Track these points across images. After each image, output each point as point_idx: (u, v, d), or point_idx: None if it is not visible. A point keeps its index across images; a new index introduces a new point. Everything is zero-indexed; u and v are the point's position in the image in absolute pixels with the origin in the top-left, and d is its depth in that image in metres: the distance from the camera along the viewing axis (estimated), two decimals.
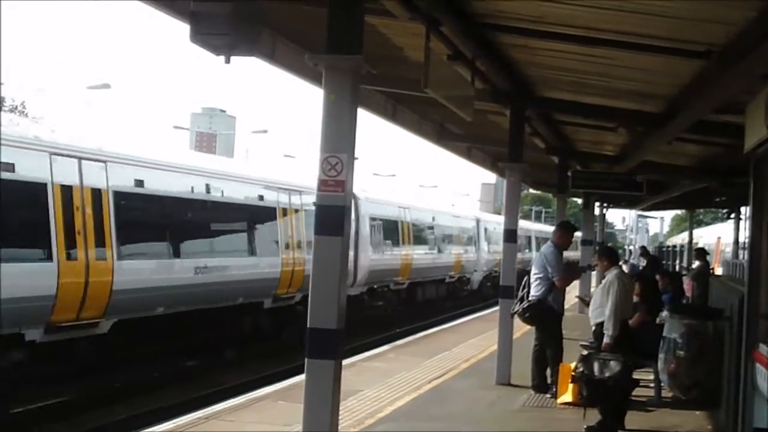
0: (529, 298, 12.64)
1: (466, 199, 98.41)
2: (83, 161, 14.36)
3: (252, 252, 19.91)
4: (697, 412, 11.71)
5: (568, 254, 15.53)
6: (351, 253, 23.30)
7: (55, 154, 13.77)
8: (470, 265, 39.69)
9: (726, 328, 10.55)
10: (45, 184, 13.49)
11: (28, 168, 13.28)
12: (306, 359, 7.20)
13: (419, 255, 31.91)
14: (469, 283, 40.01)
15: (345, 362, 8.79)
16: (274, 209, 21.13)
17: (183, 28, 8.16)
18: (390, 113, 15.29)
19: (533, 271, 12.77)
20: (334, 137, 7.20)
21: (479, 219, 43.53)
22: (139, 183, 16.00)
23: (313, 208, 21.79)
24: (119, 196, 15.26)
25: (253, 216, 20.41)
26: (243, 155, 48.08)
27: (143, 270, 15.83)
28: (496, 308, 15.20)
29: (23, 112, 58.69)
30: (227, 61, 8.48)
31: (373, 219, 27.07)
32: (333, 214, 7.18)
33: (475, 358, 16.38)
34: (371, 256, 26.41)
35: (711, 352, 11.20)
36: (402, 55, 11.50)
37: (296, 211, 22.00)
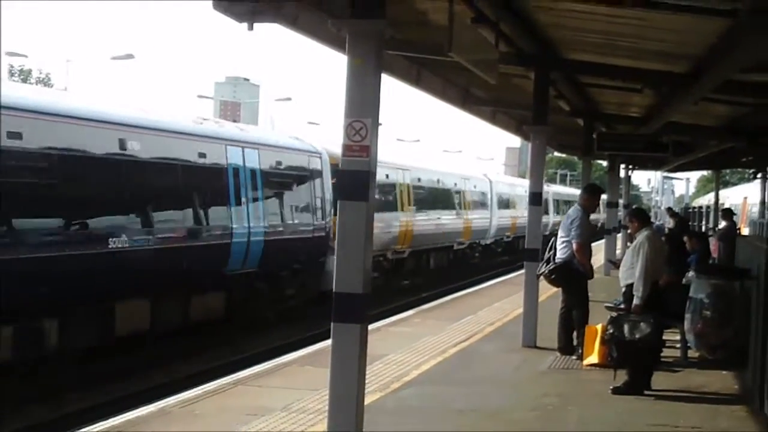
0: (556, 260, 12.68)
1: (491, 163, 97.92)
2: None
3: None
4: (724, 372, 11.73)
5: (593, 216, 15.47)
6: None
7: None
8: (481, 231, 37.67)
9: (753, 288, 10.52)
10: None
11: None
12: (332, 323, 7.25)
13: (422, 221, 29.64)
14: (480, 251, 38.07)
15: (370, 327, 8.83)
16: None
17: None
18: (414, 78, 15.20)
19: (560, 233, 12.79)
20: (359, 102, 7.20)
21: (492, 181, 41.46)
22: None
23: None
24: None
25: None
26: (267, 123, 47.73)
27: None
28: (520, 272, 15.20)
29: (48, 83, 59.14)
30: (250, 27, 8.49)
31: None
32: (357, 179, 7.19)
33: (500, 322, 16.40)
34: None
35: (738, 312, 11.18)
36: (426, 19, 11.43)
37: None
